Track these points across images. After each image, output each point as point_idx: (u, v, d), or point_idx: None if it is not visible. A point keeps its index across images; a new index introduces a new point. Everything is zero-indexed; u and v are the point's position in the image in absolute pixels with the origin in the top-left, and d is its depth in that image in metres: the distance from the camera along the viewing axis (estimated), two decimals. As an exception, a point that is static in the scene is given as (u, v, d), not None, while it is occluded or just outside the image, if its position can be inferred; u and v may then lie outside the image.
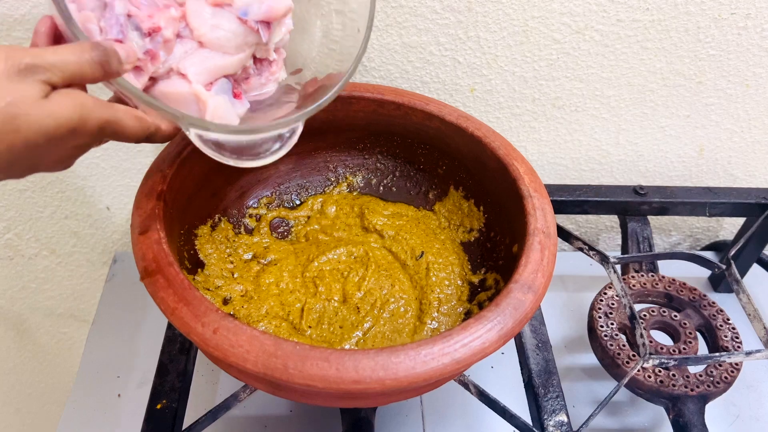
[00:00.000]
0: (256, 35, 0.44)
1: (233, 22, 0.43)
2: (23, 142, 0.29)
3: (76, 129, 0.31)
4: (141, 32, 0.40)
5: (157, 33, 0.40)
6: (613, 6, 0.64)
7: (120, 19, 0.39)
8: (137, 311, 0.70)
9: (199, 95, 0.43)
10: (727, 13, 0.65)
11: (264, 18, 0.44)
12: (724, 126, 0.75)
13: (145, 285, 0.43)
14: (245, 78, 0.47)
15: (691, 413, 0.56)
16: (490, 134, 0.57)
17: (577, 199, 0.69)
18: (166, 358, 0.56)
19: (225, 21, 0.43)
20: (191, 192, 0.55)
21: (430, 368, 0.40)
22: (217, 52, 0.44)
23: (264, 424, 0.60)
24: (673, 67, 0.69)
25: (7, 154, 0.29)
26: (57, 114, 0.30)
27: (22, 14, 0.60)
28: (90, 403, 0.62)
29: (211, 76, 0.44)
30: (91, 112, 0.32)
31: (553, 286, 0.75)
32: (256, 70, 0.48)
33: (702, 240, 0.88)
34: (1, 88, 0.28)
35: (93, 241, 0.79)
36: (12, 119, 0.28)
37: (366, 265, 0.59)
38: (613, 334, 0.60)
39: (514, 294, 0.45)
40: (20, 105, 0.28)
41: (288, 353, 0.39)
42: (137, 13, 0.40)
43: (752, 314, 0.60)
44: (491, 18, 0.64)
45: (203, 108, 0.43)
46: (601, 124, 0.74)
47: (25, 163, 0.30)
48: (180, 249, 0.53)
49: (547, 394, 0.55)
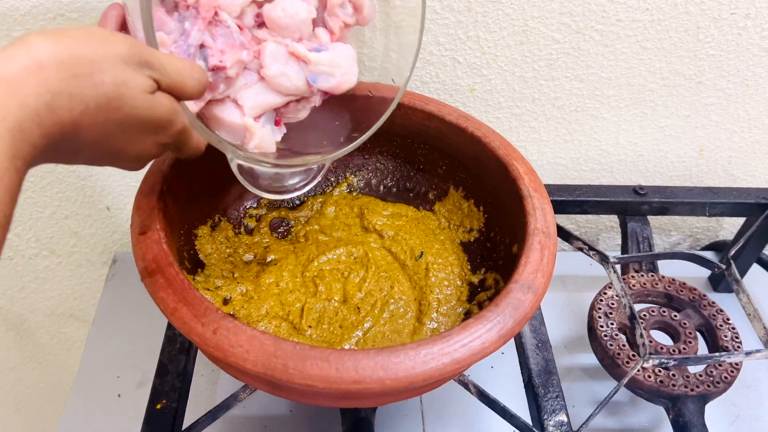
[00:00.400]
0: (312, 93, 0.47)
1: (301, 77, 0.45)
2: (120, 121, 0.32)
3: (165, 127, 0.35)
4: (206, 64, 0.41)
5: (221, 71, 0.42)
6: (613, 6, 0.64)
7: (191, 49, 0.40)
8: (137, 311, 0.70)
9: (250, 128, 0.44)
10: (727, 13, 0.65)
11: (327, 91, 0.47)
12: (724, 126, 0.75)
13: (145, 285, 0.43)
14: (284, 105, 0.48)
15: (691, 413, 0.56)
16: (490, 134, 0.57)
17: (577, 199, 0.69)
18: (166, 358, 0.56)
19: (294, 73, 0.45)
20: (191, 192, 0.55)
21: (430, 368, 0.40)
22: (273, 90, 0.45)
23: (264, 424, 0.60)
24: (672, 67, 0.69)
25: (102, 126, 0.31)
26: (156, 108, 0.33)
27: (22, 14, 0.60)
28: (90, 403, 0.62)
29: (263, 110, 0.46)
30: (180, 116, 0.36)
31: (553, 286, 0.75)
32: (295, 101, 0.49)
33: (702, 240, 0.88)
34: (119, 69, 0.31)
35: (93, 241, 0.79)
36: (119, 98, 0.31)
37: (366, 266, 0.59)
38: (613, 334, 0.60)
39: (514, 294, 0.45)
40: (130, 89, 0.31)
41: (288, 353, 0.39)
42: (211, 45, 0.41)
43: (752, 314, 0.60)
44: (491, 18, 0.64)
45: (249, 138, 0.45)
46: (600, 124, 0.74)
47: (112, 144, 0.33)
48: (180, 249, 0.53)
49: (546, 394, 0.55)
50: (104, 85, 0.30)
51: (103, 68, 0.30)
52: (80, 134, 0.31)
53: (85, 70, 0.29)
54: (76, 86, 0.29)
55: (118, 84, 0.31)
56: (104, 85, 0.30)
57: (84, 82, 0.29)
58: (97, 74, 0.30)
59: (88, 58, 0.29)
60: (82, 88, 0.29)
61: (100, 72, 0.30)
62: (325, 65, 0.45)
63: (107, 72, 0.30)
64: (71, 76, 0.28)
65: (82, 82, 0.29)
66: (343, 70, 0.46)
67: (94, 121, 0.31)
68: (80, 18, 0.60)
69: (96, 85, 0.30)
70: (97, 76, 0.30)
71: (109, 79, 0.30)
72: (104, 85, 0.30)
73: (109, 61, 0.30)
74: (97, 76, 0.30)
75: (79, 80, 0.29)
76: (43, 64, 0.28)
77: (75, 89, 0.29)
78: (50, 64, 0.28)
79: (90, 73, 0.29)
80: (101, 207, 0.76)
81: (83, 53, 0.29)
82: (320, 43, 0.46)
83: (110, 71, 0.30)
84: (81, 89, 0.29)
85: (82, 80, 0.29)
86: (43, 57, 0.28)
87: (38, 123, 0.27)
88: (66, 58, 0.28)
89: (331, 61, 0.45)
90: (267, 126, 0.47)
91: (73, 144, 0.31)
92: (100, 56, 0.30)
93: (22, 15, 0.60)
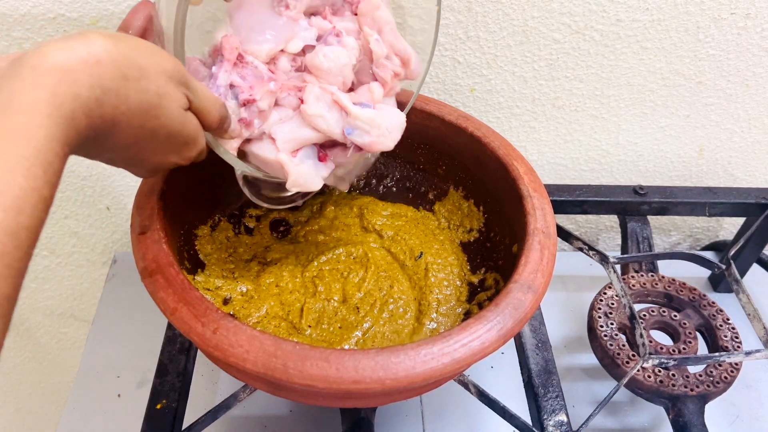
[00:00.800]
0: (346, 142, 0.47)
1: (338, 125, 0.46)
2: (153, 129, 0.34)
3: (189, 145, 0.38)
4: (238, 101, 0.43)
5: (252, 104, 0.43)
6: (613, 6, 0.64)
7: (221, 89, 0.43)
8: (137, 311, 0.70)
9: (284, 165, 0.45)
10: (727, 13, 0.65)
11: (360, 146, 0.47)
12: (724, 126, 0.75)
13: (145, 285, 0.43)
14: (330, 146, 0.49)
15: (691, 413, 0.56)
16: (490, 134, 0.57)
17: (577, 199, 0.69)
18: (166, 358, 0.56)
19: (332, 119, 0.46)
20: (191, 192, 0.55)
21: (430, 368, 0.40)
22: (308, 126, 0.46)
23: (264, 424, 0.60)
24: (672, 67, 0.69)
25: (137, 130, 0.33)
26: (186, 124, 0.36)
27: (21, 14, 0.60)
28: (90, 403, 0.62)
29: (297, 144, 0.46)
30: (203, 137, 0.39)
31: (553, 286, 0.75)
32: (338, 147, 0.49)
33: (702, 240, 0.88)
34: (163, 81, 0.33)
35: (93, 241, 0.79)
36: (158, 107, 0.33)
37: (365, 266, 0.59)
38: (613, 334, 0.60)
39: (514, 294, 0.45)
40: (169, 101, 0.34)
41: (288, 353, 0.39)
42: (240, 84, 0.43)
43: (752, 314, 0.60)
44: (491, 18, 0.64)
45: (285, 175, 0.46)
46: (600, 124, 0.74)
47: (138, 151, 0.35)
48: (180, 249, 0.53)
49: (546, 394, 0.55)
50: (148, 92, 0.32)
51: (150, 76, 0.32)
52: (116, 133, 0.32)
53: (135, 74, 0.31)
54: (124, 87, 0.30)
55: (160, 94, 0.33)
56: (148, 92, 0.32)
57: (132, 85, 0.31)
58: (144, 80, 0.31)
59: (139, 64, 0.31)
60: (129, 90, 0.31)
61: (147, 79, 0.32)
62: (364, 122, 0.46)
63: (153, 81, 0.32)
64: (122, 76, 0.30)
65: (130, 84, 0.31)
66: (381, 131, 0.47)
67: (131, 123, 0.32)
68: (80, 18, 0.60)
69: (141, 90, 0.32)
70: (144, 82, 0.32)
71: (154, 87, 0.32)
72: (148, 92, 0.32)
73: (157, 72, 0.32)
74: (143, 82, 0.31)
75: (128, 82, 0.31)
76: (101, 61, 0.29)
77: (123, 89, 0.30)
78: (106, 61, 0.30)
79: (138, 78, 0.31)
80: (101, 207, 0.76)
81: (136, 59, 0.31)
82: (371, 99, 0.47)
83: (156, 81, 0.32)
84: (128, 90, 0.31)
85: (131, 83, 0.31)
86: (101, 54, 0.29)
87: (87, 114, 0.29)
88: (120, 59, 0.30)
89: (371, 120, 0.46)
90: (307, 161, 0.47)
91: (106, 141, 0.33)
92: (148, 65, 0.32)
93: (21, 15, 0.60)
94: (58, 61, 0.28)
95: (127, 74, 0.31)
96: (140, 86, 0.31)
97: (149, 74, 0.32)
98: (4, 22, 0.60)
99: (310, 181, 0.47)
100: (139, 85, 0.31)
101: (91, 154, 0.34)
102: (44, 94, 0.27)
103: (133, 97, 0.31)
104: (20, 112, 0.26)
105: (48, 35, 0.61)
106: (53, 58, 0.28)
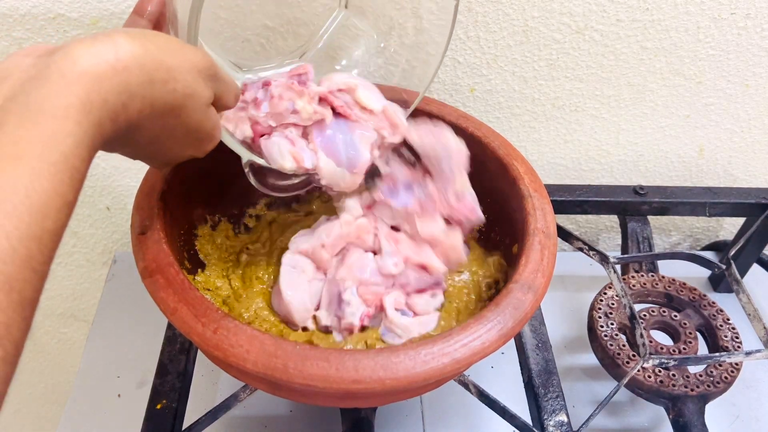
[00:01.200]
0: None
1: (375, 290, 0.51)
2: (172, 126, 0.35)
3: (204, 140, 0.38)
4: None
5: (268, 86, 0.46)
6: (613, 6, 0.64)
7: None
8: (137, 311, 0.70)
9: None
10: (727, 13, 0.65)
11: (384, 341, 0.51)
12: (724, 126, 0.75)
13: (145, 285, 0.43)
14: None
15: (691, 413, 0.56)
16: (490, 134, 0.57)
17: (577, 199, 0.69)
18: (166, 358, 0.56)
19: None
20: (191, 192, 0.55)
21: (430, 368, 0.40)
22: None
23: (264, 424, 0.60)
24: (673, 67, 0.69)
25: (157, 129, 0.34)
26: (206, 121, 0.36)
27: (21, 14, 0.60)
28: (90, 403, 0.62)
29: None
30: (219, 132, 0.39)
31: (553, 286, 0.74)
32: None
33: (702, 240, 0.88)
34: (191, 79, 0.33)
35: (93, 241, 0.79)
36: (182, 107, 0.33)
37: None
38: (613, 334, 0.60)
39: (514, 294, 0.45)
40: (194, 100, 0.34)
41: (288, 353, 0.39)
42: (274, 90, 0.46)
43: (752, 314, 0.60)
44: (491, 18, 0.64)
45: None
46: (601, 124, 0.74)
47: (156, 146, 0.36)
48: (180, 249, 0.53)
49: (547, 394, 0.55)
50: (175, 93, 0.32)
51: (177, 77, 0.32)
52: (137, 133, 0.33)
53: (162, 76, 0.31)
54: (150, 91, 0.31)
55: (186, 94, 0.33)
56: (175, 93, 0.32)
57: (158, 88, 0.31)
58: (172, 82, 0.32)
59: (166, 66, 0.31)
60: (155, 93, 0.31)
61: (174, 81, 0.32)
62: (399, 329, 0.50)
63: (180, 81, 0.32)
64: (148, 81, 0.30)
65: (156, 87, 0.31)
66: (410, 337, 0.50)
67: (153, 123, 0.33)
68: (80, 18, 0.60)
69: (167, 92, 0.32)
70: (171, 84, 0.32)
71: (181, 88, 0.32)
72: (174, 93, 0.32)
73: (185, 70, 0.33)
74: (170, 84, 0.32)
75: (154, 86, 0.31)
76: (128, 66, 0.29)
77: (149, 93, 0.31)
78: (133, 66, 0.30)
79: (166, 80, 0.31)
80: (101, 207, 0.76)
81: (163, 61, 0.31)
82: (416, 308, 0.51)
83: (183, 81, 0.32)
84: (154, 93, 0.31)
85: (157, 86, 0.31)
86: (129, 59, 0.29)
87: (113, 119, 0.29)
88: (147, 63, 0.30)
89: (406, 328, 0.50)
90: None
91: (127, 140, 0.33)
92: (177, 65, 0.32)
93: (22, 15, 0.60)
94: (87, 67, 0.28)
95: (155, 78, 0.31)
96: (167, 88, 0.32)
97: (177, 75, 0.32)
98: (4, 22, 0.60)
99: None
100: (166, 88, 0.32)
101: (109, 150, 0.34)
102: (75, 101, 0.27)
103: (159, 99, 0.32)
104: (51, 118, 0.26)
105: (48, 35, 0.61)
106: (82, 64, 0.28)
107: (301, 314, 0.51)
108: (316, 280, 0.53)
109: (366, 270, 0.50)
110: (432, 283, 0.52)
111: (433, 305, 0.52)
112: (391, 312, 0.49)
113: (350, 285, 0.50)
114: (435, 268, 0.52)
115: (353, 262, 0.51)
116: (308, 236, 0.54)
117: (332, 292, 0.51)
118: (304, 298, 0.51)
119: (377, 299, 0.50)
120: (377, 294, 0.50)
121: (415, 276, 0.52)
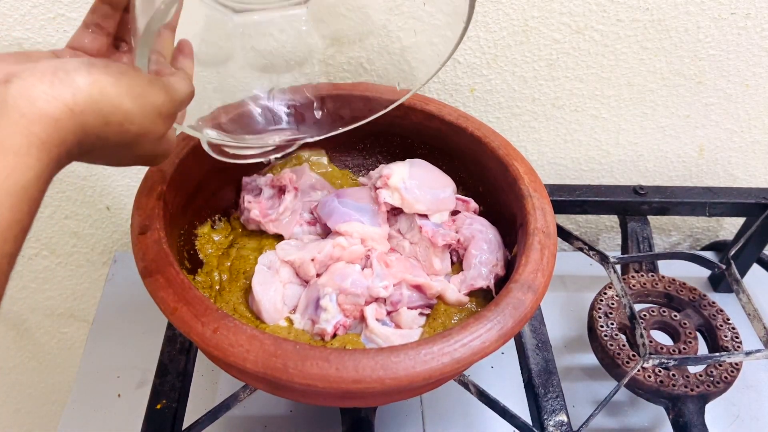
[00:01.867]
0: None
1: (360, 293, 0.51)
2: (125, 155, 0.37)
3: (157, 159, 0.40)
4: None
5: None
6: (613, 6, 0.64)
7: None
8: (137, 311, 0.70)
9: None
10: (727, 13, 0.65)
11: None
12: (724, 126, 0.75)
13: (145, 285, 0.43)
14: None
15: (691, 413, 0.56)
16: (490, 134, 0.57)
17: (577, 199, 0.69)
18: (166, 358, 0.56)
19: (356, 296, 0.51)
20: (191, 192, 0.55)
21: (430, 367, 0.40)
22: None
23: (264, 424, 0.60)
24: (673, 67, 0.69)
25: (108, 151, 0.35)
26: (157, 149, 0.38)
27: (21, 14, 0.60)
28: (90, 403, 0.62)
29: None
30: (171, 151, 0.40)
31: (553, 286, 0.75)
32: None
33: (702, 240, 0.88)
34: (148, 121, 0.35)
35: (93, 241, 0.79)
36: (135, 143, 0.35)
37: (366, 265, 0.59)
38: (613, 334, 0.60)
39: (514, 294, 0.45)
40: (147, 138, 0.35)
41: (288, 353, 0.39)
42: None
43: (752, 314, 0.60)
44: (491, 18, 0.64)
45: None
46: (601, 124, 0.74)
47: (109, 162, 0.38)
48: (180, 249, 0.53)
49: (547, 394, 0.55)
50: (128, 133, 0.34)
51: (134, 120, 0.34)
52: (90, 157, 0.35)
53: (117, 119, 0.33)
54: (104, 131, 0.32)
55: (140, 134, 0.34)
56: (128, 133, 0.34)
57: (113, 129, 0.33)
58: (126, 124, 0.33)
59: (123, 111, 0.33)
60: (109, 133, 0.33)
61: (129, 123, 0.33)
62: (380, 338, 0.49)
63: (136, 124, 0.34)
64: (104, 123, 0.32)
65: (111, 128, 0.33)
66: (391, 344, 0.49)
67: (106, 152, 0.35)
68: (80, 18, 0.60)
69: (121, 133, 0.33)
70: (125, 126, 0.33)
71: (135, 129, 0.34)
72: (128, 134, 0.34)
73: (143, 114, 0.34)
74: (125, 126, 0.33)
75: (109, 127, 0.32)
76: (84, 111, 0.31)
77: (103, 133, 0.32)
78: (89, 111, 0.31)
79: (121, 122, 0.33)
80: (101, 207, 0.76)
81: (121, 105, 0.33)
82: (398, 321, 0.51)
83: (139, 123, 0.34)
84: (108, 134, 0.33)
85: (112, 127, 0.33)
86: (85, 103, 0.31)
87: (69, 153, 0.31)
88: (104, 107, 0.32)
89: (387, 338, 0.49)
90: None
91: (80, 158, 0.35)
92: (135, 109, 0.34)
93: (22, 15, 0.60)
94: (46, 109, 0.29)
95: (110, 120, 0.32)
96: (121, 129, 0.33)
97: (133, 118, 0.34)
98: (4, 22, 0.60)
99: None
100: (121, 129, 0.33)
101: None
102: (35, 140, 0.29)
103: (113, 138, 0.33)
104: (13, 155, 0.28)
105: (48, 35, 0.61)
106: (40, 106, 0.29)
107: (271, 314, 0.50)
108: (293, 284, 0.53)
109: (348, 279, 0.50)
110: (424, 304, 0.53)
111: (419, 323, 0.52)
112: (371, 322, 0.49)
113: (330, 292, 0.50)
114: (430, 288, 0.52)
115: (336, 269, 0.51)
116: (297, 248, 0.54)
117: (310, 296, 0.51)
118: (275, 298, 0.51)
119: (357, 310, 0.50)
120: (357, 305, 0.50)
121: (408, 294, 0.52)
